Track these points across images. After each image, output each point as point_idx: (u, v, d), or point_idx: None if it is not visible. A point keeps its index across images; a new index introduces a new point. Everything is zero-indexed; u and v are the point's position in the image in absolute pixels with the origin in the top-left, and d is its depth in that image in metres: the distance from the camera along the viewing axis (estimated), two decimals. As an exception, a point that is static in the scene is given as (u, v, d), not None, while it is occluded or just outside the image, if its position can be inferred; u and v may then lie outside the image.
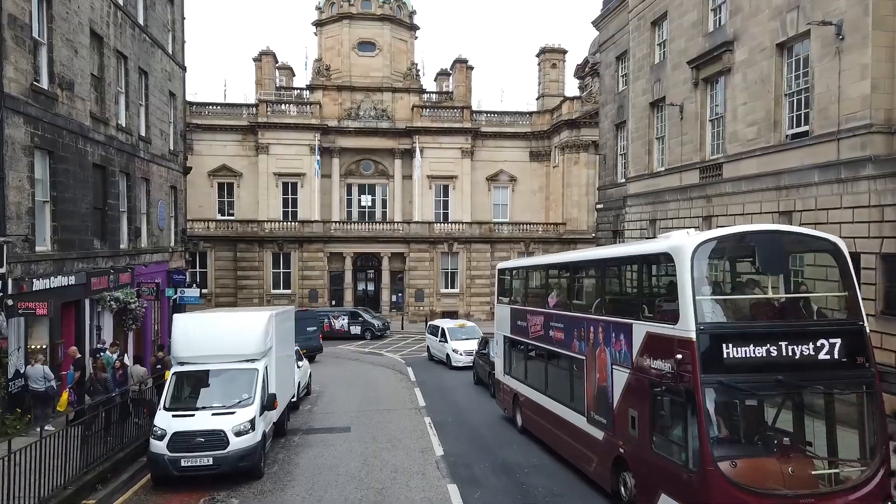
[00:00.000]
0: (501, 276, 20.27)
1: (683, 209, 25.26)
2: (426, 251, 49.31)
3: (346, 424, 19.35)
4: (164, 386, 14.78)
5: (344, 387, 26.11)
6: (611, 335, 12.05)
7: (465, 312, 49.31)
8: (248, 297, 47.85)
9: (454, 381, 26.94)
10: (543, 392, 15.92)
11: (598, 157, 48.44)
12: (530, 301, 17.34)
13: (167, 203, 27.26)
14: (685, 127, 25.05)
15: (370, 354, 35.53)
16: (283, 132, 50.87)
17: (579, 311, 13.92)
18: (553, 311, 15.27)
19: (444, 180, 52.64)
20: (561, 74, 54.84)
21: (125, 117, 23.03)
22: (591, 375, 13.00)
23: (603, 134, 34.74)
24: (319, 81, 52.55)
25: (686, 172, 24.96)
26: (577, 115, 48.85)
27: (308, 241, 48.36)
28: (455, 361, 29.66)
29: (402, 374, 29.11)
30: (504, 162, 53.58)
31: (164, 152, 26.97)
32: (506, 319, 18.96)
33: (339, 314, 41.87)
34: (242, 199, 51.80)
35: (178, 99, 29.10)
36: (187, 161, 30.02)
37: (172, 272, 27.05)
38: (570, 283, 14.60)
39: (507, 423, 19.20)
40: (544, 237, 49.85)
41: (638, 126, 29.20)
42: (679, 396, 9.75)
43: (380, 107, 52.82)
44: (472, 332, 31.48)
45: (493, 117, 54.12)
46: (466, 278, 49.59)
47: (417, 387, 25.61)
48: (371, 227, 49.60)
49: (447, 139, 52.21)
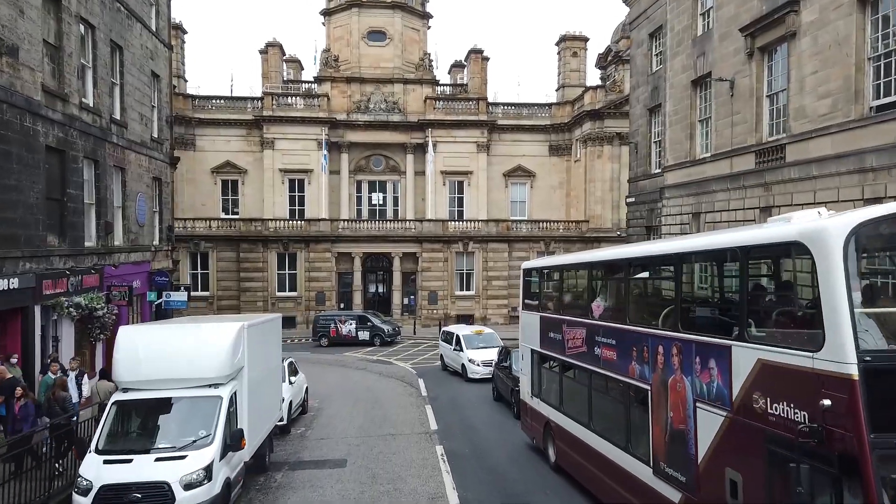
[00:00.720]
0: (528, 278, 16.71)
1: (735, 200, 21.59)
2: (440, 251, 45.81)
3: (342, 456, 15.88)
4: (101, 419, 11.41)
5: (346, 403, 22.70)
6: (693, 360, 8.49)
7: (482, 316, 45.74)
8: (252, 300, 44.62)
9: (471, 397, 23.43)
10: (586, 425, 12.35)
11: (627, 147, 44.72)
12: (567, 308, 13.77)
13: (149, 196, 23.99)
14: (736, 105, 21.42)
15: (378, 363, 32.09)
16: (289, 126, 47.63)
17: (641, 323, 10.36)
18: (600, 322, 11.72)
19: (459, 176, 49.13)
20: (582, 64, 51.16)
21: (93, 96, 19.75)
22: (659, 412, 9.45)
23: (634, 120, 31.09)
24: (327, 73, 49.27)
25: (738, 157, 21.33)
26: (600, 105, 45.16)
27: (315, 241, 45.03)
28: (471, 373, 26.14)
29: (412, 386, 25.64)
30: (522, 156, 49.97)
31: (145, 139, 23.70)
32: (534, 330, 15.43)
33: (347, 318, 38.46)
34: (247, 197, 48.64)
35: (164, 81, 25.82)
36: (175, 150, 26.74)
37: (155, 274, 23.76)
38: (625, 287, 11.01)
39: (535, 456, 15.65)
40: (565, 236, 46.17)
41: (677, 108, 25.53)
42: (825, 464, 6.16)
43: (391, 99, 49.45)
44: (491, 339, 27.93)
45: (510, 109, 50.53)
46: (483, 280, 46.04)
47: (429, 404, 22.12)
48: (381, 226, 46.18)
49: (462, 133, 48.72)
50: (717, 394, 7.99)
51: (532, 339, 15.69)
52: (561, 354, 13.62)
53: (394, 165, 50.21)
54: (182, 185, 47.75)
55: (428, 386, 25.50)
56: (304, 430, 18.76)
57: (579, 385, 12.88)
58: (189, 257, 44.55)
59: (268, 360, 15.11)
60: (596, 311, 12.03)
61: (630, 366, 10.38)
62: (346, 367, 31.41)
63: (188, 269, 44.55)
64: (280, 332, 16.91)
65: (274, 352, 16.00)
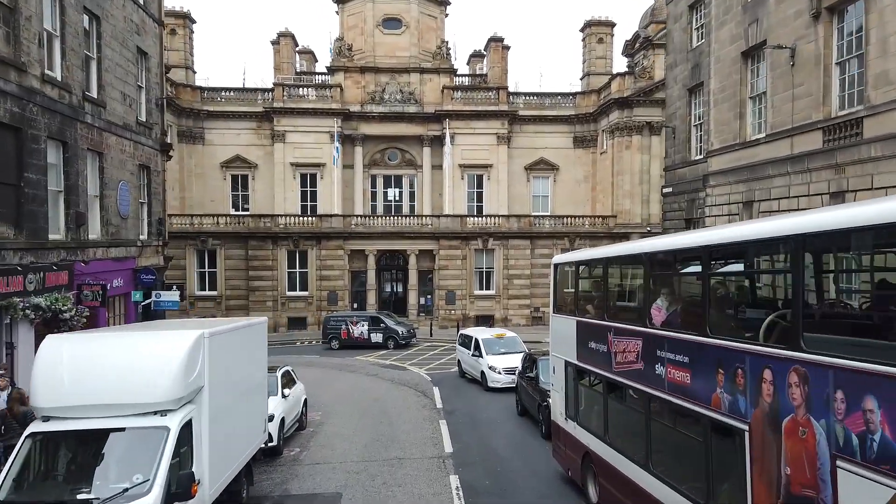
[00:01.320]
0: (560, 275, 13.75)
1: (798, 184, 18.47)
2: (458, 248, 42.89)
3: (338, 488, 13.06)
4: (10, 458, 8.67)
5: (351, 416, 19.92)
6: (831, 395, 5.54)
7: (502, 317, 42.77)
8: (261, 300, 42.09)
9: (492, 410, 20.51)
10: (642, 464, 9.39)
11: (658, 137, 41.61)
12: (615, 313, 10.79)
13: (134, 185, 21.40)
14: (798, 76, 18.31)
15: (391, 368, 29.29)
16: (300, 118, 45.04)
17: (729, 334, 7.37)
18: (664, 332, 8.77)
19: (478, 169, 46.19)
20: (608, 50, 47.92)
21: (60, 68, 17.16)
22: (764, 464, 6.49)
23: (671, 102, 27.94)
24: (340, 62, 46.60)
25: (800, 136, 18.24)
26: (629, 92, 41.94)
27: (326, 238, 42.36)
28: (492, 381, 23.23)
29: (426, 396, 22.80)
30: (544, 149, 46.90)
31: (129, 122, 21.10)
32: (568, 338, 12.49)
33: (359, 320, 35.70)
34: (258, 193, 46.16)
35: (153, 60, 23.22)
36: (167, 136, 24.13)
37: (140, 271, 21.16)
38: (705, 284, 7.97)
39: (571, 491, 12.69)
40: (591, 232, 43.01)
41: (723, 84, 22.41)
42: None
43: (406, 89, 46.65)
44: (513, 344, 24.98)
45: (532, 99, 47.45)
46: (503, 278, 43.04)
47: (444, 418, 19.25)
48: (396, 222, 43.34)
49: (481, 124, 45.76)
50: (881, 452, 5.03)
51: (566, 349, 12.75)
52: (606, 370, 10.66)
53: (410, 159, 47.43)
54: (190, 181, 45.47)
55: (444, 396, 22.65)
56: (299, 452, 15.99)
57: (632, 411, 9.93)
58: (196, 255, 42.16)
59: (246, 376, 12.33)
60: (657, 317, 9.07)
61: (713, 394, 7.42)
62: (356, 372, 28.65)
63: (195, 268, 42.16)
64: (265, 339, 14.14)
65: (255, 364, 13.22)
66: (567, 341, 12.63)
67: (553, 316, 13.84)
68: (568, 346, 12.58)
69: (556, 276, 13.87)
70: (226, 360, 10.80)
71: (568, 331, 12.56)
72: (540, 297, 42.84)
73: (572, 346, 12.32)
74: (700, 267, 8.02)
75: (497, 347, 24.42)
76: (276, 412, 15.63)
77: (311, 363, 31.51)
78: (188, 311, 41.72)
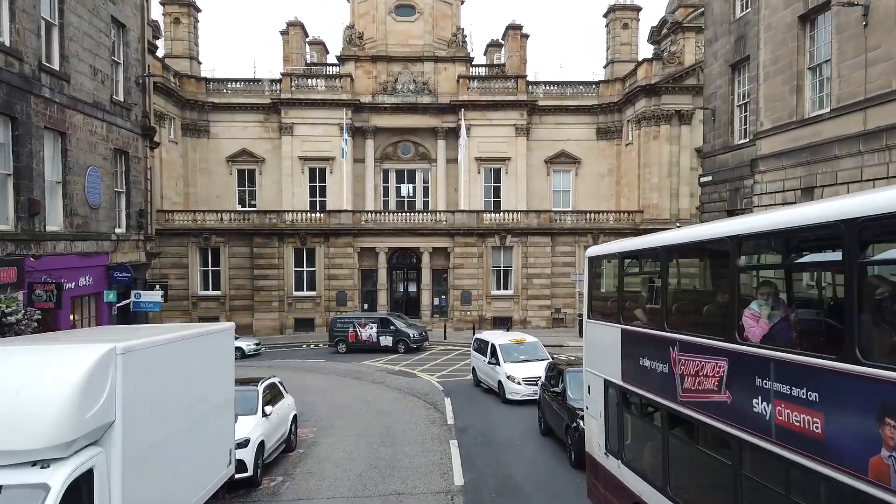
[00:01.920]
0: (597, 272, 10.85)
1: (873, 165, 15.42)
2: (474, 245, 39.99)
3: (318, 538, 10.32)
4: None
5: (349, 434, 17.16)
6: None
7: (521, 318, 39.83)
8: (267, 300, 39.54)
9: (510, 427, 17.63)
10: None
11: (688, 126, 38.47)
12: (680, 321, 7.87)
13: (107, 172, 18.79)
14: (873, 38, 15.28)
15: (400, 375, 26.51)
16: (309, 110, 42.47)
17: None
18: (768, 351, 5.86)
19: (495, 163, 43.29)
20: (634, 36, 44.76)
21: (9, 32, 14.57)
22: None
23: (710, 81, 24.83)
24: (351, 51, 43.94)
25: (876, 108, 15.21)
26: (656, 79, 38.80)
27: (335, 235, 39.69)
28: (510, 393, 20.34)
29: (436, 409, 19.97)
30: (566, 141, 43.89)
31: (101, 100, 18.51)
32: (609, 352, 9.59)
33: (367, 321, 32.97)
34: (265, 189, 43.68)
35: (133, 34, 20.61)
36: (150, 119, 21.51)
37: (114, 268, 18.56)
38: (847, 279, 5.03)
39: (613, 547, 9.85)
40: (616, 228, 39.92)
41: (777, 55, 19.32)
42: None
43: (420, 79, 43.89)
44: (534, 350, 22.07)
45: (552, 88, 44.45)
46: (522, 277, 40.07)
47: (455, 438, 16.40)
48: (409, 218, 40.53)
49: (498, 115, 42.87)
50: None
51: (606, 366, 9.85)
52: (667, 399, 7.75)
53: (423, 152, 44.65)
54: (195, 176, 43.12)
55: (456, 409, 19.82)
56: (280, 482, 13.23)
57: (710, 459, 7.02)
58: (199, 253, 39.71)
59: (199, 397, 9.59)
60: (753, 329, 6.15)
61: (872, 457, 4.53)
62: (361, 379, 25.92)
63: (198, 267, 39.72)
64: (230, 349, 11.40)
65: (217, 381, 10.48)
66: (608, 355, 9.73)
67: (588, 322, 10.94)
68: (609, 362, 9.68)
69: (591, 272, 10.96)
70: (161, 380, 8.06)
71: (609, 342, 9.66)
72: (561, 297, 39.85)
73: (615, 363, 9.42)
74: (839, 253, 5.10)
75: (516, 354, 21.53)
76: (253, 435, 12.91)
77: (315, 369, 28.87)
78: (191, 313, 39.35)
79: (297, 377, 27.02)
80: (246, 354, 32.81)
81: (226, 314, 39.53)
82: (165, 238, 39.04)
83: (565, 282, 39.23)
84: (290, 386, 25.24)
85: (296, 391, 24.02)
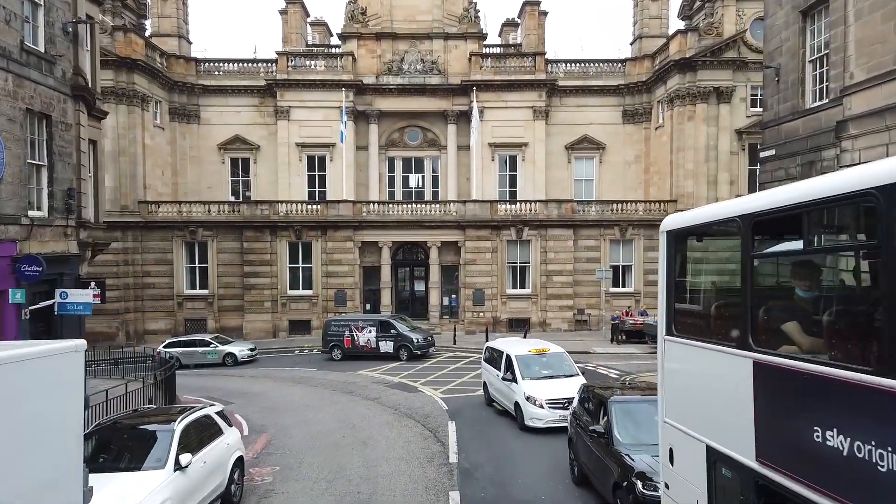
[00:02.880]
0: (684, 255, 6.36)
1: None
2: (487, 238, 35.47)
3: None
4: None
5: (320, 475, 12.80)
6: None
7: (540, 320, 35.25)
8: (258, 300, 35.30)
9: (531, 469, 13.10)
10: None
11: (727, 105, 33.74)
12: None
13: (18, 138, 14.51)
14: None
15: (398, 389, 22.09)
16: (307, 92, 38.21)
17: None
18: None
19: (511, 149, 38.72)
20: (664, 8, 39.93)
21: None
22: None
23: (772, 35, 20.05)
24: (353, 28, 39.61)
25: None
26: (692, 52, 34.04)
27: (334, 228, 35.37)
28: (530, 419, 15.80)
29: (436, 439, 15.51)
30: (588, 125, 39.22)
31: (9, 46, 14.27)
32: (724, 402, 5.12)
33: (365, 324, 28.58)
34: (260, 178, 39.50)
35: (62, -29, 16.37)
36: (87, 79, 17.21)
37: (22, 261, 14.29)
38: None
39: None
40: (646, 219, 35.23)
41: (876, -17, 14.71)
42: None
43: (428, 58, 39.45)
44: (559, 363, 17.50)
45: (573, 67, 39.77)
46: (541, 275, 35.47)
47: (457, 487, 11.97)
48: (415, 209, 36.07)
49: (514, 96, 38.31)
50: None
51: (714, 424, 5.35)
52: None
53: (432, 139, 40.21)
54: (184, 164, 39.02)
55: (462, 439, 15.36)
56: (197, 570, 8.88)
57: None
58: (185, 248, 35.59)
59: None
60: None
61: None
62: (352, 394, 21.54)
63: (184, 263, 35.59)
64: (78, 380, 6.95)
65: (45, 433, 6.10)
66: (717, 405, 5.24)
67: (669, 341, 6.42)
68: (721, 419, 5.18)
69: (673, 257, 6.44)
70: None
71: (721, 382, 5.17)
72: (584, 296, 35.22)
73: (738, 422, 4.91)
74: None
75: (537, 368, 17.01)
76: (153, 499, 8.55)
77: (303, 379, 24.55)
78: (176, 314, 35.21)
79: (280, 390, 22.76)
80: (238, 361, 28.67)
81: (214, 315, 35.39)
82: (148, 231, 35.05)
83: (589, 279, 34.62)
84: (268, 403, 21.00)
85: (272, 410, 19.75)
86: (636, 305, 34.62)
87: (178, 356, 28.70)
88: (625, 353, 28.40)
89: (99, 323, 33.86)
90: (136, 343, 32.76)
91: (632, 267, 35.70)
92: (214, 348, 28.98)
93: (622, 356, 27.89)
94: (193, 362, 28.48)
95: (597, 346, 29.64)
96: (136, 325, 34.79)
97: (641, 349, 29.12)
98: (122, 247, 34.19)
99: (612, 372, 24.03)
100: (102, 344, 30.34)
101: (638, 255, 35.42)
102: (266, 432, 16.82)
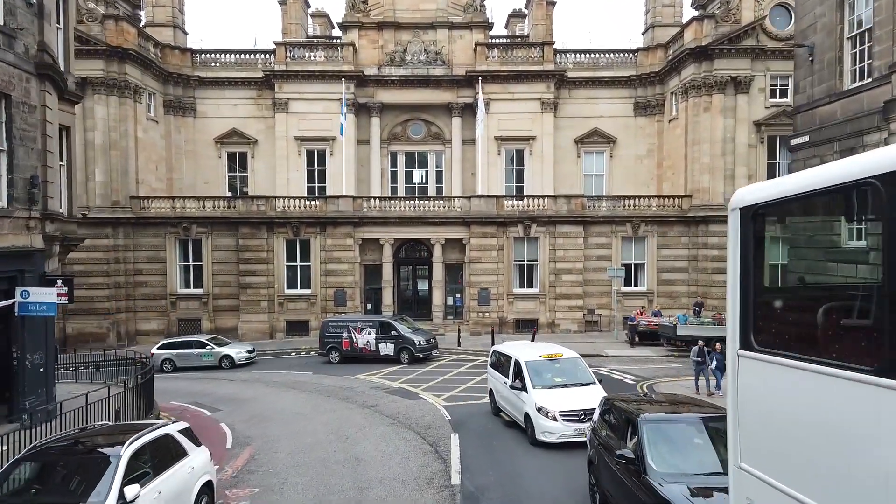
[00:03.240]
0: (771, 238, 4.71)
1: None
2: (493, 235, 33.77)
3: None
4: None
5: (304, 498, 11.18)
6: None
7: (549, 321, 33.56)
8: (255, 300, 33.73)
9: (546, 494, 11.43)
10: None
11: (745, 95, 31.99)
12: None
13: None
14: None
15: (398, 395, 20.45)
16: (306, 83, 36.60)
17: None
18: None
19: (518, 143, 37.02)
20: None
21: None
22: None
23: (804, 12, 18.26)
24: (354, 17, 37.99)
25: None
26: (708, 40, 32.26)
27: (333, 224, 33.74)
28: (542, 433, 14.12)
29: (437, 455, 13.87)
30: (599, 118, 37.48)
31: (-40, 16, 12.76)
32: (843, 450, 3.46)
33: (364, 325, 26.95)
34: (258, 174, 37.93)
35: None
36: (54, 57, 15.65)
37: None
38: None
39: None
40: (660, 216, 33.49)
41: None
42: None
43: (432, 49, 37.80)
44: (573, 370, 15.81)
45: (583, 58, 38.02)
46: (549, 273, 33.76)
47: (461, 518, 10.37)
48: (418, 205, 34.38)
49: (522, 88, 36.61)
50: None
51: (820, 478, 3.71)
52: None
53: (436, 132, 38.56)
54: (179, 159, 37.50)
55: (466, 455, 13.71)
56: None
57: None
58: (179, 246, 34.04)
59: None
60: None
61: None
62: (348, 400, 19.92)
63: (178, 261, 34.05)
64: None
65: None
66: (829, 453, 3.56)
67: (746, 357, 4.74)
68: (837, 473, 3.51)
69: (749, 242, 4.77)
70: None
71: (837, 418, 3.50)
72: (595, 296, 33.50)
73: (865, 480, 3.25)
74: None
75: (549, 376, 15.33)
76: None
77: (297, 384, 22.94)
78: (169, 314, 33.67)
79: (272, 396, 21.17)
80: (236, 364, 27.08)
81: (209, 315, 33.85)
82: (140, 228, 33.55)
83: (600, 278, 32.89)
84: (257, 410, 19.25)
85: (260, 419, 18.10)
86: (649, 305, 32.87)
87: (171, 358, 27.21)
88: (639, 357, 26.67)
89: (89, 323, 32.43)
90: (128, 344, 31.27)
91: (644, 265, 33.94)
92: (210, 350, 27.42)
93: (637, 359, 26.17)
94: (188, 365, 26.95)
95: (609, 349, 27.93)
96: (127, 325, 33.28)
97: (657, 352, 27.40)
98: (113, 244, 32.69)
99: (627, 378, 22.33)
100: (93, 345, 28.84)
101: (651, 253, 33.66)
102: (251, 445, 15.23)
